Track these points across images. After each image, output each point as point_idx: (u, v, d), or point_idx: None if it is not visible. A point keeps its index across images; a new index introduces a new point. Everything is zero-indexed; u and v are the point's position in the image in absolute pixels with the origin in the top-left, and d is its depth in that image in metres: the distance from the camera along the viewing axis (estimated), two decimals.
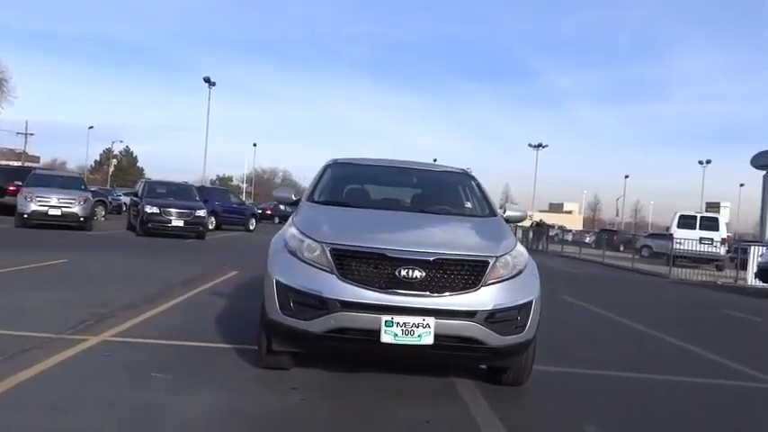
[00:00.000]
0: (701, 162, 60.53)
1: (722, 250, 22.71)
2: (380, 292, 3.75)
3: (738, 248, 22.43)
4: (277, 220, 40.53)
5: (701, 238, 22.51)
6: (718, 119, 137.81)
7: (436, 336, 3.72)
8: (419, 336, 3.71)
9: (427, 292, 3.76)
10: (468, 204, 5.29)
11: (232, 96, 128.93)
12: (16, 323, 5.30)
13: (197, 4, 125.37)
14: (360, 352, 4.15)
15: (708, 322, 9.79)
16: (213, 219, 22.27)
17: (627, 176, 79.89)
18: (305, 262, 3.95)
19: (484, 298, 3.82)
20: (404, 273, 3.76)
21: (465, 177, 5.69)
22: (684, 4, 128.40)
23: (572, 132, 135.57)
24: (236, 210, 25.26)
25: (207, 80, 39.90)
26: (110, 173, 70.59)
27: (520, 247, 4.22)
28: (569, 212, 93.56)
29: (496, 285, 3.89)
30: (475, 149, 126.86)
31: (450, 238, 4.28)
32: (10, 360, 4.21)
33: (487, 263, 3.90)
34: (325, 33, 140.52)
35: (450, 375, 4.61)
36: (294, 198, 5.22)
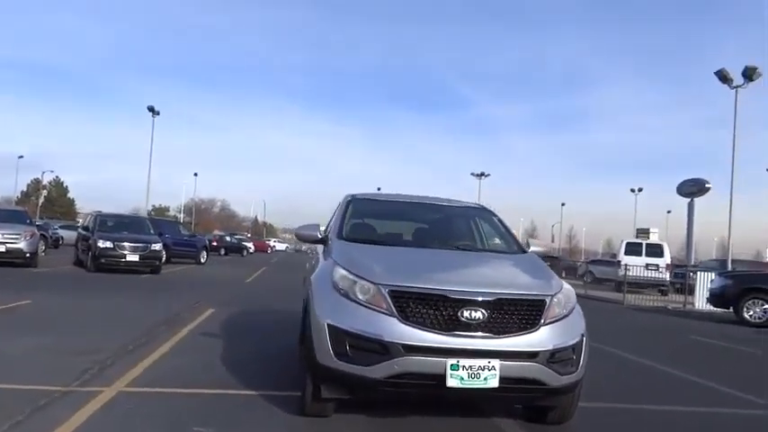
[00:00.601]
0: (632, 190, 63.27)
1: (667, 276, 23.64)
2: (443, 335, 3.67)
3: (678, 274, 23.47)
4: (223, 251, 39.66)
5: (647, 264, 23.43)
6: (648, 148, 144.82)
7: (501, 378, 3.67)
8: (485, 379, 3.65)
9: (490, 334, 3.71)
10: (498, 240, 5.29)
11: (166, 125, 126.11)
12: (12, 375, 4.91)
13: (130, 32, 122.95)
14: (422, 396, 4.04)
15: (687, 348, 10.08)
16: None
17: (563, 204, 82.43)
18: (360, 304, 3.83)
19: (543, 338, 3.80)
20: (466, 314, 3.70)
21: (486, 212, 5.71)
22: (610, 40, 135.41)
23: (509, 161, 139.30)
24: (187, 242, 24.51)
25: (151, 109, 38.83)
26: (39, 204, 67.29)
27: (567, 285, 4.24)
28: None
29: (554, 325, 3.88)
30: (419, 179, 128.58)
31: (504, 276, 4.26)
32: (32, 419, 3.87)
33: (544, 302, 3.90)
34: (262, 62, 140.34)
35: (491, 415, 4.55)
36: (320, 236, 5.09)
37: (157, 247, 17.80)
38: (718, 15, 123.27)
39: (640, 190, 62.75)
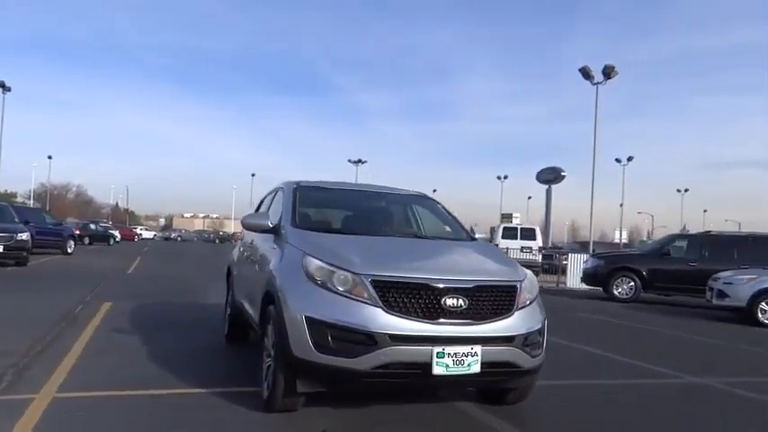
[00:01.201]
0: (499, 177, 66.94)
1: (539, 257, 25.29)
2: (428, 323, 3.69)
3: (546, 255, 25.22)
4: (87, 240, 36.86)
5: (522, 247, 25.00)
6: (513, 137, 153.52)
7: (482, 363, 3.76)
8: (468, 365, 3.72)
9: (471, 321, 3.78)
10: (448, 228, 5.37)
11: (15, 105, 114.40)
12: None
13: None
14: (408, 385, 4.03)
15: (581, 324, 10.84)
16: None
17: (435, 190, 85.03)
18: (339, 295, 3.74)
19: (518, 323, 3.93)
20: (449, 302, 3.74)
21: (429, 200, 5.79)
22: (475, 32, 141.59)
23: (384, 148, 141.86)
24: (53, 231, 22.47)
25: (1, 85, 35.01)
26: None
27: (529, 271, 4.41)
28: None
29: (524, 309, 4.03)
30: (294, 165, 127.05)
31: (476, 264, 4.34)
32: None
33: (516, 288, 4.03)
34: (128, 41, 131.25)
35: (450, 400, 4.65)
36: (271, 225, 4.88)
37: (24, 236, 16.16)
38: (577, 12, 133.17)
39: (506, 177, 66.58)
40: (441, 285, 3.77)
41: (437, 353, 3.65)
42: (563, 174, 26.18)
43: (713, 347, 8.94)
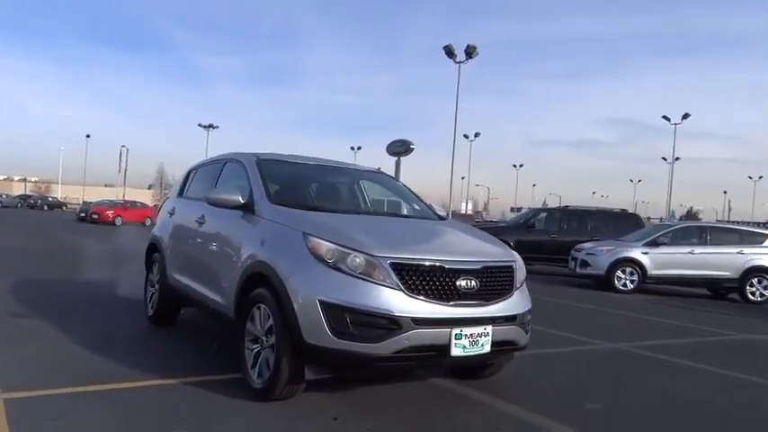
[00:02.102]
0: (352, 148, 67.55)
1: None
2: (446, 305, 3.67)
3: None
4: None
5: None
6: (366, 108, 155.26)
7: (492, 343, 3.82)
8: (482, 345, 3.77)
9: (482, 301, 3.82)
10: (417, 207, 5.32)
11: None
12: None
13: None
14: (419, 367, 3.97)
15: None
16: None
17: None
18: (356, 278, 3.59)
19: (518, 302, 4.04)
20: (463, 283, 3.74)
21: (389, 178, 5.69)
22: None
23: (235, 114, 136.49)
24: None
25: None
26: None
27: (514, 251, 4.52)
28: None
29: (521, 289, 4.15)
30: (135, 127, 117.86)
31: (473, 245, 4.34)
32: None
33: (513, 268, 4.12)
34: None
35: (425, 378, 4.68)
36: (242, 201, 4.52)
37: None
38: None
39: (359, 148, 67.34)
40: (454, 267, 3.76)
41: (455, 334, 3.65)
42: (412, 147, 26.79)
43: (591, 312, 9.90)
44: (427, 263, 3.70)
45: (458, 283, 3.73)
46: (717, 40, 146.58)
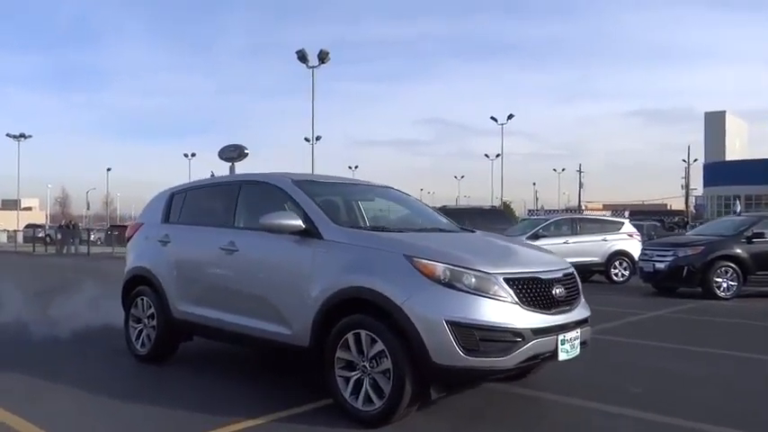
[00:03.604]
0: (186, 155, 64.56)
1: None
2: (550, 314, 3.96)
3: None
4: None
5: None
6: (186, 111, 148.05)
7: (579, 344, 4.17)
8: (576, 348, 4.10)
9: (569, 307, 4.16)
10: (444, 219, 5.48)
11: None
12: None
13: None
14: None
15: None
16: None
17: (109, 169, 78.36)
18: (477, 295, 3.73)
19: (584, 305, 4.43)
20: (556, 292, 4.05)
21: (403, 193, 5.79)
22: None
23: (37, 120, 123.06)
24: None
25: None
26: None
27: None
28: (29, 209, 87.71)
29: (581, 293, 4.55)
30: None
31: (538, 254, 4.60)
32: None
33: (575, 273, 4.51)
34: None
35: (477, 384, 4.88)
36: (303, 225, 4.40)
37: None
38: None
39: (194, 155, 64.56)
40: (548, 277, 4.06)
41: (561, 340, 3.95)
42: (246, 151, 26.45)
43: None
44: (528, 275, 3.97)
45: (553, 291, 4.04)
46: (513, 46, 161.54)
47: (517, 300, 3.82)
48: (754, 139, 70.96)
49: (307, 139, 57.93)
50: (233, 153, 26.31)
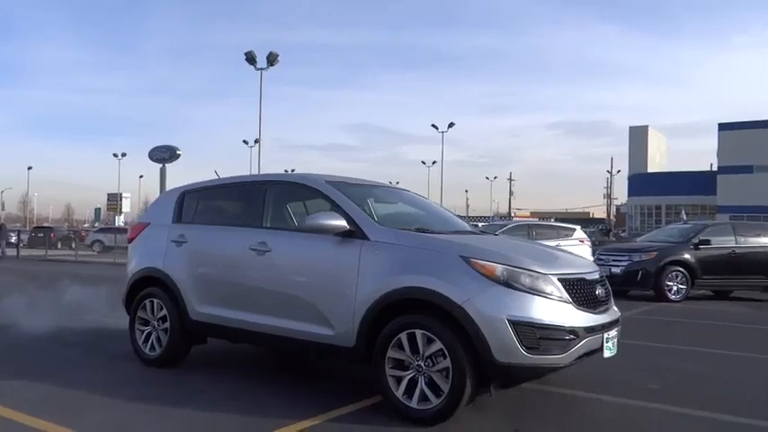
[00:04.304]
0: (115, 155, 62.24)
1: None
2: (596, 314, 4.14)
3: None
4: None
5: None
6: (111, 110, 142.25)
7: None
8: (616, 345, 4.30)
9: (608, 307, 4.37)
10: (464, 222, 5.59)
11: None
12: None
13: None
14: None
15: None
16: None
17: (30, 168, 74.60)
18: (536, 295, 3.87)
19: (614, 304, 4.64)
20: (599, 292, 4.26)
21: (419, 196, 5.88)
22: None
23: None
24: None
25: None
26: None
27: None
28: None
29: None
30: None
31: (574, 256, 4.78)
32: None
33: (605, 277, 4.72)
34: None
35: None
36: (348, 226, 4.40)
37: None
38: None
39: (124, 155, 62.32)
40: (591, 278, 4.26)
41: (606, 338, 4.15)
42: (178, 152, 25.89)
43: None
44: (576, 276, 4.16)
45: (596, 291, 4.24)
46: (443, 57, 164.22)
47: (570, 299, 3.98)
48: (672, 153, 75.27)
49: (245, 142, 57.28)
50: (164, 154, 25.68)
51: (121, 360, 5.69)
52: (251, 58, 29.12)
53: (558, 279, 4.00)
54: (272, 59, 29.19)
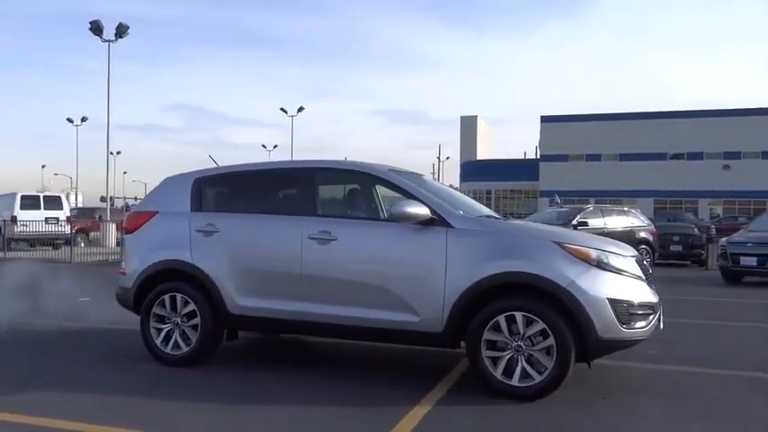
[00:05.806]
0: None
1: (67, 228, 22.64)
2: (654, 291, 4.63)
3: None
4: None
5: (46, 218, 22.07)
6: None
7: None
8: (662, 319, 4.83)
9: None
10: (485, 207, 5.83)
11: None
12: None
13: None
14: None
15: None
16: None
17: None
18: (624, 275, 4.28)
19: None
20: (649, 272, 4.77)
21: (436, 181, 5.99)
22: None
23: None
24: None
25: None
26: None
27: None
28: None
29: None
30: None
31: (615, 240, 5.20)
32: None
33: None
34: None
35: None
36: (431, 215, 4.46)
37: None
38: None
39: None
40: (630, 255, 4.63)
41: (661, 312, 4.66)
42: None
43: None
44: (637, 257, 4.61)
45: (649, 271, 4.74)
46: (260, 39, 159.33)
47: (643, 278, 4.44)
48: (496, 143, 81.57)
49: (70, 120, 51.95)
50: None
51: (135, 360, 5.19)
52: (97, 29, 26.52)
53: (634, 259, 4.47)
54: (121, 31, 26.81)
